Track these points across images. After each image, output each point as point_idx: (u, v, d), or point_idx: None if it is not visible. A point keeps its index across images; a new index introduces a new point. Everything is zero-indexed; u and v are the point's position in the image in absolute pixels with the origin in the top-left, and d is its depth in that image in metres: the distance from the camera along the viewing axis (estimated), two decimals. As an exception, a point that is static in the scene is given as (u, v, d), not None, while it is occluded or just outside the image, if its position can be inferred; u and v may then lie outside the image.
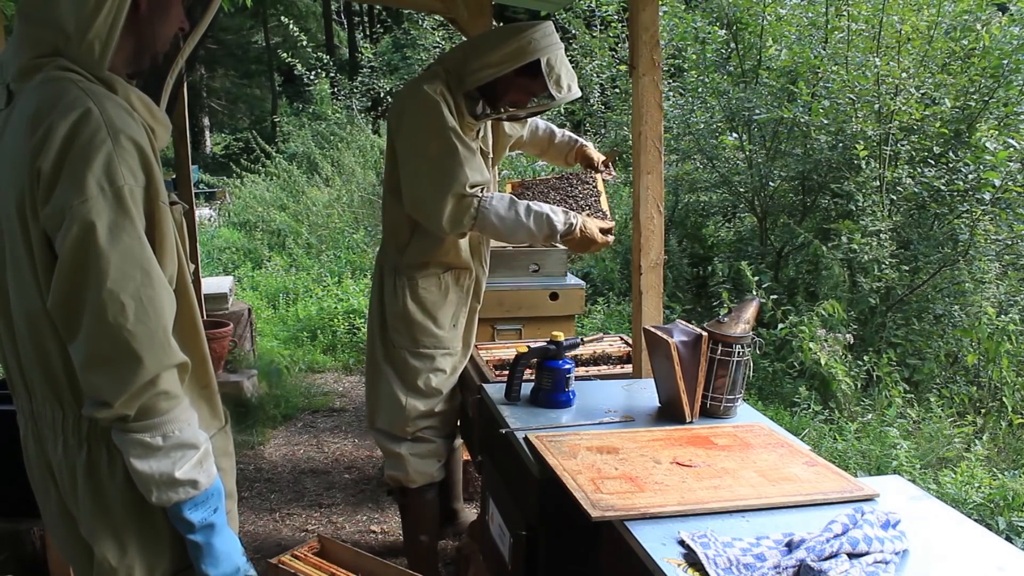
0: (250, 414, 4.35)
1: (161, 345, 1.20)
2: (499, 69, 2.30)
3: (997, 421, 3.94)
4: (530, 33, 2.30)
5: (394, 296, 2.51)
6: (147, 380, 1.19)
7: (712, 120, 5.90)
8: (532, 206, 2.31)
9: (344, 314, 6.08)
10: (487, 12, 3.36)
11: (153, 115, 1.32)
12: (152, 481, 1.23)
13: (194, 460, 1.25)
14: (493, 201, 2.29)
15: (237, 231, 9.46)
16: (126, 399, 1.18)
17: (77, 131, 1.17)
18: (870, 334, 4.58)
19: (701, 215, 6.50)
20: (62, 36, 1.23)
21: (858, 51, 5.20)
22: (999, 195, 4.47)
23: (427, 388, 2.49)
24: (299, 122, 13.11)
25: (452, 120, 2.30)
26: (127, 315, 1.18)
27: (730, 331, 1.84)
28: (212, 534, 1.30)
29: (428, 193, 2.30)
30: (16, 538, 2.67)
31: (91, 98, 1.20)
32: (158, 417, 1.22)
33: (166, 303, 1.23)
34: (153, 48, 1.35)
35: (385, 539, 3.17)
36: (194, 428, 1.27)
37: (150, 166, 1.24)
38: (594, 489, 1.45)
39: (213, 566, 1.30)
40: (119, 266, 1.18)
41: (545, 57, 2.28)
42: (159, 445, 1.22)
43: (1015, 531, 2.79)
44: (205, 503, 1.28)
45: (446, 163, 2.27)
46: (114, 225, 1.18)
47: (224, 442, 1.46)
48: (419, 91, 2.33)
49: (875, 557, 1.22)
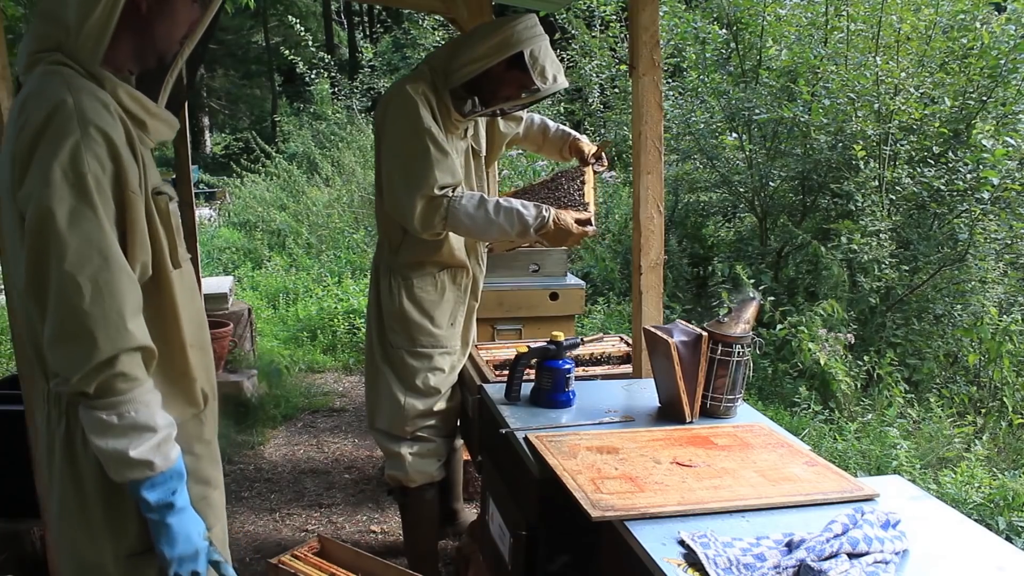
0: (250, 414, 4.34)
1: (116, 327, 1.26)
2: (483, 64, 2.31)
3: (997, 421, 3.94)
4: (512, 26, 2.31)
5: (390, 296, 2.51)
6: (102, 360, 1.24)
7: (712, 120, 5.90)
8: (502, 202, 2.31)
9: (344, 314, 6.08)
10: (487, 12, 3.36)
11: (147, 110, 1.38)
12: (108, 457, 1.29)
13: (152, 442, 1.29)
14: (463, 200, 2.30)
15: (237, 231, 9.45)
16: (81, 376, 1.24)
17: (49, 120, 1.25)
18: (870, 334, 4.58)
19: (701, 215, 6.50)
20: (64, 32, 1.30)
21: (857, 51, 5.20)
22: (998, 194, 4.47)
23: (425, 387, 2.49)
24: (299, 122, 13.12)
25: (428, 120, 2.31)
26: (83, 296, 1.24)
27: (730, 331, 1.84)
28: (170, 515, 1.33)
29: (401, 194, 2.33)
30: (16, 538, 2.67)
31: (70, 90, 1.27)
32: (115, 397, 1.27)
33: (124, 288, 1.28)
34: (158, 47, 1.40)
35: (385, 539, 3.17)
36: (153, 411, 1.31)
37: (119, 156, 1.29)
38: (594, 489, 1.45)
39: (170, 546, 1.34)
40: (77, 250, 1.24)
41: (528, 48, 2.28)
42: (114, 423, 1.27)
43: (1015, 531, 2.79)
44: (164, 484, 1.32)
45: (417, 164, 2.29)
46: (74, 211, 1.24)
47: (198, 429, 1.50)
48: (400, 91, 2.35)
49: (875, 557, 1.22)
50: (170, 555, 1.34)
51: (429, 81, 2.38)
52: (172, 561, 1.35)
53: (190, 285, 1.50)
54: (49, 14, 1.33)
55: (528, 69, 2.30)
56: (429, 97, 2.35)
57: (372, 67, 11.64)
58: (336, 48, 20.69)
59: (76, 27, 1.29)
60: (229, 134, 21.03)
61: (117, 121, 1.31)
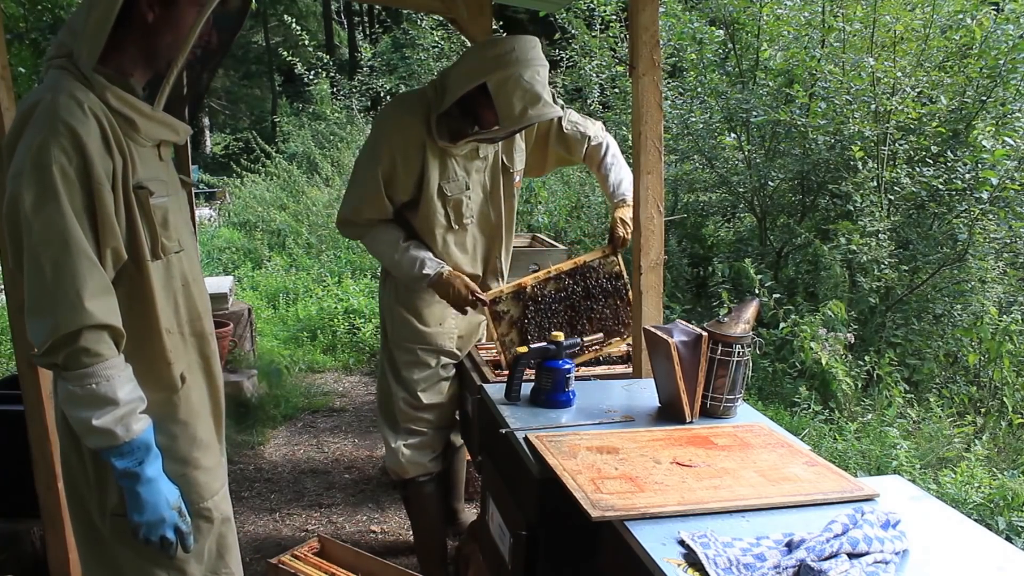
0: (250, 414, 4.35)
1: (73, 306, 1.36)
2: (456, 91, 2.30)
3: (997, 421, 3.94)
4: (485, 51, 2.29)
5: (386, 292, 2.63)
6: (62, 335, 1.36)
7: (711, 120, 5.90)
8: (411, 250, 2.46)
9: (344, 314, 6.08)
10: (487, 12, 3.36)
11: (137, 111, 1.48)
12: (76, 425, 1.43)
13: (115, 414, 1.40)
14: (378, 235, 2.50)
15: (237, 231, 9.45)
16: (47, 349, 1.37)
17: (27, 116, 1.41)
18: (870, 334, 4.58)
19: (701, 215, 6.49)
20: (74, 39, 1.46)
21: (854, 51, 5.20)
22: (997, 194, 4.47)
23: (413, 381, 2.58)
24: (299, 122, 13.11)
25: (388, 151, 2.40)
26: (46, 276, 1.36)
27: (730, 331, 1.84)
28: (136, 483, 1.45)
29: (342, 202, 2.56)
30: (16, 538, 2.67)
31: (52, 90, 1.41)
32: (80, 370, 1.38)
33: (84, 270, 1.38)
34: (166, 54, 1.50)
35: (385, 539, 3.18)
36: (116, 385, 1.41)
37: (84, 149, 1.39)
38: (594, 489, 1.45)
39: (138, 513, 1.47)
40: (40, 233, 1.36)
41: (494, 79, 2.22)
42: (79, 394, 1.39)
43: (1015, 531, 2.79)
44: (130, 454, 1.43)
45: (356, 190, 2.50)
46: (39, 197, 1.37)
47: (170, 409, 1.60)
48: (388, 110, 2.56)
49: (875, 557, 1.22)
50: (138, 520, 1.47)
51: (428, 101, 2.40)
52: (140, 526, 1.47)
53: (180, 274, 1.61)
54: (70, 25, 1.50)
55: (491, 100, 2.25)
56: (413, 121, 2.38)
57: (371, 67, 11.64)
58: (336, 48, 20.69)
59: (80, 35, 1.43)
60: (229, 134, 21.03)
61: (90, 118, 1.41)
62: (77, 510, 1.62)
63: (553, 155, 2.75)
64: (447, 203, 2.47)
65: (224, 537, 1.70)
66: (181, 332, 1.62)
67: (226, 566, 1.71)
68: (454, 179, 2.46)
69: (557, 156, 2.76)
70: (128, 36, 1.46)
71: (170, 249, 1.56)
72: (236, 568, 1.74)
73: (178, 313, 1.60)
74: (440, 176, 2.44)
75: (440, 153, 2.42)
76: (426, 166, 2.41)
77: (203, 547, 1.64)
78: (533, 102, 2.25)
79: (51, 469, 2.27)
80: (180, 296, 1.61)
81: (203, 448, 1.66)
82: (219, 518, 1.68)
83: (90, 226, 1.41)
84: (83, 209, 1.40)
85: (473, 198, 2.53)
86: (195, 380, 1.66)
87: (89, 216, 1.41)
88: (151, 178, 1.52)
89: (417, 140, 2.39)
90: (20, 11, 6.43)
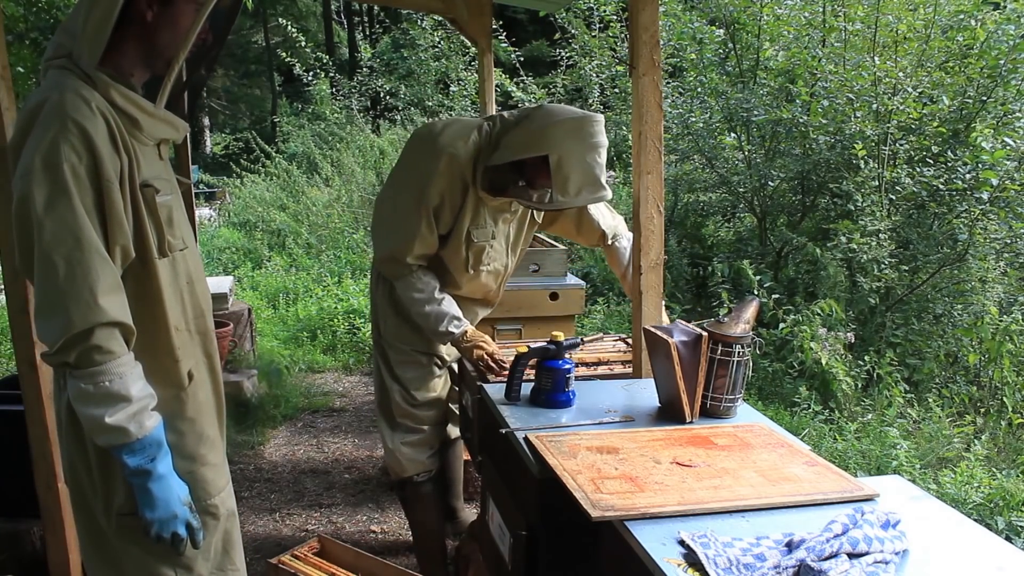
0: (250, 414, 4.35)
1: (87, 304, 1.36)
2: (515, 155, 2.28)
3: (997, 421, 3.94)
4: (552, 120, 2.25)
5: (377, 292, 2.65)
6: (75, 333, 1.35)
7: (711, 120, 5.90)
8: (443, 305, 2.42)
9: (344, 314, 6.07)
10: (487, 12, 3.36)
11: (141, 109, 1.49)
12: (88, 423, 1.42)
13: (128, 411, 1.40)
14: (416, 282, 2.44)
15: (237, 231, 9.45)
16: (60, 347, 1.36)
17: (35, 115, 1.40)
18: (870, 334, 4.57)
19: (701, 215, 6.49)
20: (72, 40, 1.46)
21: (855, 51, 5.20)
22: (997, 194, 4.47)
23: (404, 378, 2.60)
24: (299, 122, 13.11)
25: (438, 191, 2.35)
26: (59, 274, 1.36)
27: (730, 331, 1.84)
28: (148, 480, 1.45)
29: (381, 234, 2.51)
30: (16, 538, 2.67)
31: (58, 89, 1.41)
32: (93, 367, 1.38)
33: (96, 267, 1.38)
34: (165, 53, 1.51)
35: (385, 539, 3.18)
36: (128, 383, 1.41)
37: (94, 147, 1.39)
38: (594, 489, 1.45)
39: (149, 509, 1.46)
40: (52, 231, 1.36)
41: (557, 153, 2.20)
42: (91, 392, 1.38)
43: (1015, 531, 2.79)
44: (142, 451, 1.43)
45: (405, 226, 2.40)
46: (51, 196, 1.36)
47: (179, 407, 1.59)
48: (439, 142, 2.36)
49: (875, 557, 1.22)
50: (150, 517, 1.46)
51: (478, 146, 2.36)
52: (153, 523, 1.47)
53: (185, 272, 1.61)
54: (65, 26, 1.50)
55: (550, 173, 2.22)
56: (465, 166, 2.35)
57: (371, 67, 11.64)
58: (336, 48, 20.68)
59: (79, 35, 1.43)
60: (229, 134, 21.03)
61: (98, 116, 1.41)
62: (81, 510, 1.61)
63: (559, 227, 2.78)
64: (470, 248, 2.48)
65: (229, 533, 1.71)
66: (188, 329, 1.62)
67: (232, 563, 1.71)
68: (483, 226, 2.47)
69: (563, 228, 2.78)
70: (127, 35, 1.47)
71: (175, 247, 1.57)
72: (241, 564, 1.75)
73: (184, 310, 1.61)
74: (471, 221, 2.45)
75: (476, 199, 2.43)
76: (464, 208, 2.42)
77: (210, 544, 1.65)
78: (591, 185, 2.25)
79: (51, 469, 2.27)
80: (186, 294, 1.61)
81: (209, 445, 1.66)
82: (225, 514, 1.69)
83: (100, 224, 1.41)
84: (93, 207, 1.40)
85: (496, 247, 2.55)
86: (201, 377, 1.66)
87: (99, 214, 1.41)
88: (155, 176, 1.53)
89: (463, 182, 2.39)
90: (20, 11, 6.44)
